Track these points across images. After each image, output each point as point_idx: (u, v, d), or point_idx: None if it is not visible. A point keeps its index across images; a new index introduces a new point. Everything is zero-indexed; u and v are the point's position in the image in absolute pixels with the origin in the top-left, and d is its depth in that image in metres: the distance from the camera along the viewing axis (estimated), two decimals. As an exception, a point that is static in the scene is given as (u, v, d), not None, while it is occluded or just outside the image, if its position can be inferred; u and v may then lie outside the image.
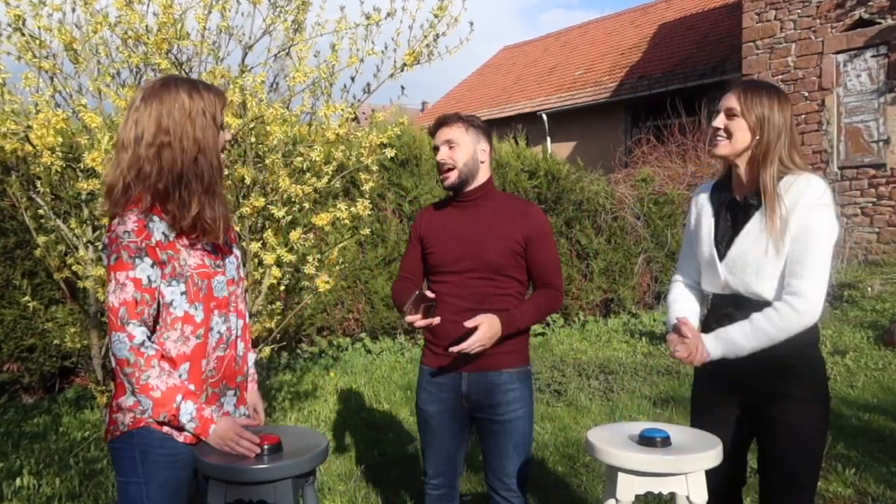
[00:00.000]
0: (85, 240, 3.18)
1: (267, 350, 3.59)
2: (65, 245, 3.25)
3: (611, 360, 6.56)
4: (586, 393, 5.49)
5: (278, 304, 3.59)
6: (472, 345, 2.28)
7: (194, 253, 1.87)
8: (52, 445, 4.35)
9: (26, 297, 3.80)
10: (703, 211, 2.31)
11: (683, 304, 2.36)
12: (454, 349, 2.29)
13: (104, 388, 3.33)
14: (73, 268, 3.19)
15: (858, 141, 10.63)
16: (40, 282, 5.42)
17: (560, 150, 15.10)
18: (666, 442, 1.89)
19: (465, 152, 2.47)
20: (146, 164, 1.78)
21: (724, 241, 2.21)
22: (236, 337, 1.98)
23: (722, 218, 2.25)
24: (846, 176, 10.71)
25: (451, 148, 2.47)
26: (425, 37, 3.17)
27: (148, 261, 1.78)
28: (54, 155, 2.92)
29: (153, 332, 1.83)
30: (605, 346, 7.39)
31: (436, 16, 3.14)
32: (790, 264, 2.06)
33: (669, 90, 13.55)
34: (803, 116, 11.01)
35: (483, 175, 2.52)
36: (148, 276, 1.78)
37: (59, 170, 3.01)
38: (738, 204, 2.21)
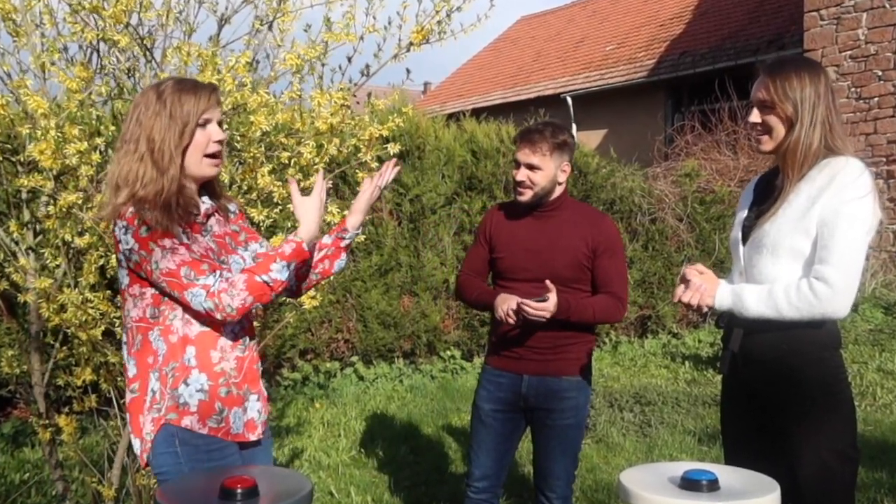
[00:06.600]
0: (25, 246, 3.18)
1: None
2: (2, 252, 3.26)
3: (648, 388, 6.55)
4: (619, 427, 5.49)
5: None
6: (534, 312, 2.73)
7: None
8: (-15, 489, 4.37)
9: (-46, 314, 3.82)
10: (745, 198, 2.50)
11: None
12: (521, 304, 2.75)
13: (47, 422, 3.33)
14: (12, 278, 3.20)
15: (943, 128, 10.60)
16: (-27, 295, 5.44)
17: (588, 140, 15.11)
18: (713, 485, 1.89)
19: (546, 176, 2.90)
20: (133, 163, 2.12)
21: (751, 225, 2.39)
22: (252, 341, 2.34)
23: (756, 203, 2.42)
24: (928, 170, 10.68)
25: (532, 170, 2.90)
26: (437, 12, 3.18)
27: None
28: (-10, 146, 2.94)
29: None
30: (642, 371, 7.38)
31: None
32: (818, 250, 2.20)
33: (717, 68, 13.53)
34: (876, 100, 10.99)
35: (558, 190, 2.98)
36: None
37: (-5, 163, 3.03)
38: (773, 187, 2.35)
